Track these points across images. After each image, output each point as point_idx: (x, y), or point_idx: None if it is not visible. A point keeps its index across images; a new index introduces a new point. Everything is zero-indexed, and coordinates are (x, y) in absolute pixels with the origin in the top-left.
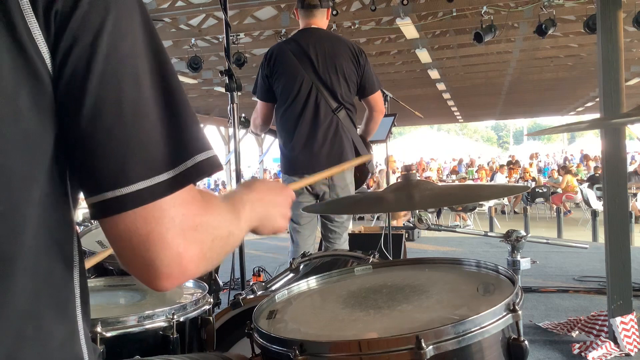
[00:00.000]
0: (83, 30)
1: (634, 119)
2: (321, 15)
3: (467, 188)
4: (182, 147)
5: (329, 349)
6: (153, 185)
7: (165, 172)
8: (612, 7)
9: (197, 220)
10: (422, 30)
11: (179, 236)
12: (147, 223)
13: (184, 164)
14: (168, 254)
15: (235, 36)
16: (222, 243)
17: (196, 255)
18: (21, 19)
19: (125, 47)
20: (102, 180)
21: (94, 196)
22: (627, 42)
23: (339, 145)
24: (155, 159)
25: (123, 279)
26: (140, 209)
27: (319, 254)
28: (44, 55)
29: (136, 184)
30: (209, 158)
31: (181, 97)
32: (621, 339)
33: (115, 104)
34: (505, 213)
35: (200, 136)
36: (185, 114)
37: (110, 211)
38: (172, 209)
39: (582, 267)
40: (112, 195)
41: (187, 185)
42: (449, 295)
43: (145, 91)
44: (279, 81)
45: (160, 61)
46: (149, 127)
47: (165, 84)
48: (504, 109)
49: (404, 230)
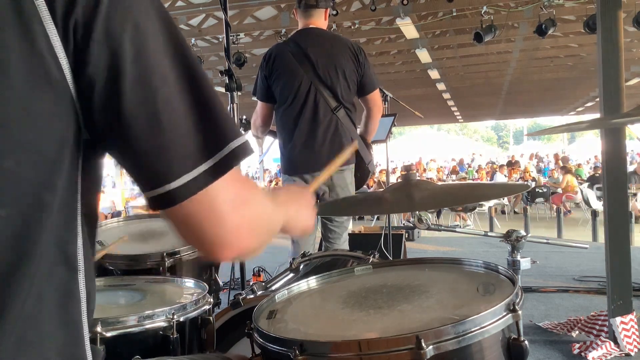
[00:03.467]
0: (105, 38)
1: (634, 119)
2: (319, 15)
3: (467, 188)
4: (217, 136)
5: (329, 349)
6: (197, 176)
7: (205, 162)
8: (612, 7)
9: (245, 195)
10: (422, 30)
11: (233, 211)
12: (204, 206)
13: (221, 152)
14: (227, 228)
15: (235, 36)
16: (266, 222)
17: (248, 227)
18: (40, 28)
19: (148, 47)
20: (150, 179)
21: (147, 192)
22: (627, 42)
23: (339, 145)
24: (194, 152)
25: (123, 279)
26: (195, 196)
27: (319, 254)
28: (62, 63)
29: (181, 178)
30: (243, 144)
31: (208, 88)
32: (621, 339)
33: (150, 106)
34: (505, 213)
35: (231, 124)
36: (215, 105)
37: (165, 204)
38: (223, 190)
39: (582, 267)
40: (163, 190)
41: (230, 170)
42: (449, 295)
43: (175, 88)
44: (278, 81)
45: (183, 55)
46: (184, 122)
47: (192, 77)
48: (504, 109)
49: (404, 230)
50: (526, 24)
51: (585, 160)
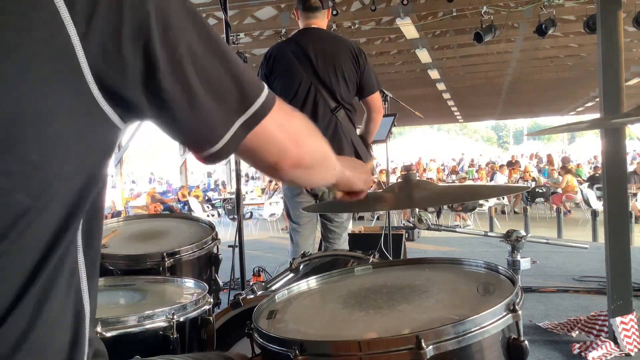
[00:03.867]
0: (133, 27)
1: (634, 119)
2: (322, 16)
3: (467, 188)
4: (247, 91)
5: (329, 349)
6: (234, 131)
7: (239, 118)
8: (612, 7)
9: (299, 124)
10: (422, 30)
11: (290, 137)
12: (263, 138)
13: (259, 99)
14: (287, 147)
15: (235, 36)
16: (322, 154)
17: (306, 142)
18: (68, 39)
19: (173, 24)
20: (200, 142)
21: (200, 153)
22: (627, 42)
23: (338, 145)
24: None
25: (123, 279)
26: (252, 132)
27: (318, 254)
28: (80, 60)
29: (227, 134)
30: (267, 96)
31: (229, 52)
32: (621, 339)
33: (185, 81)
34: (505, 213)
35: (255, 79)
36: (239, 65)
37: (233, 146)
38: (275, 120)
39: (582, 267)
40: (216, 149)
41: (274, 106)
42: (449, 295)
43: (204, 56)
44: (278, 80)
45: (203, 26)
46: (219, 84)
47: (215, 44)
48: (504, 109)
49: (404, 230)
50: (526, 24)
51: (586, 161)
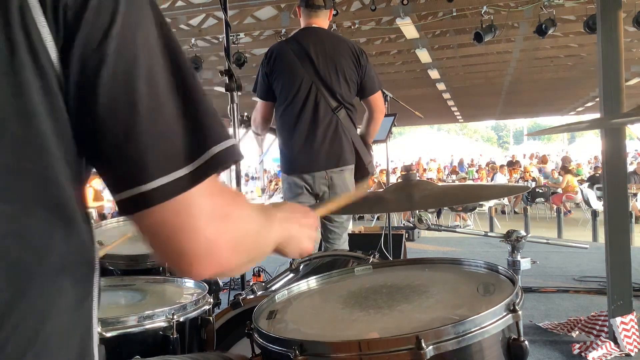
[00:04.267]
0: (94, 25)
1: (634, 119)
2: (324, 16)
3: (467, 188)
4: (198, 140)
5: (329, 349)
6: (174, 180)
7: (185, 167)
8: (612, 7)
9: (226, 209)
10: (422, 30)
11: (209, 225)
12: (177, 214)
13: (202, 158)
14: (199, 242)
15: (235, 36)
16: (252, 239)
17: (227, 244)
18: (29, 15)
19: (137, 40)
20: (124, 179)
21: (118, 194)
22: (627, 42)
23: (338, 145)
24: (173, 154)
25: (123, 279)
26: (167, 202)
27: (318, 254)
28: (50, 53)
29: (157, 180)
30: (227, 148)
31: (196, 89)
32: (621, 339)
33: (130, 100)
34: (505, 213)
35: (216, 127)
36: (201, 106)
37: (137, 207)
38: (200, 199)
39: (582, 267)
40: (137, 192)
41: (209, 177)
42: (449, 295)
43: (160, 85)
44: (279, 80)
45: (173, 53)
46: (165, 121)
47: (180, 76)
48: (504, 109)
49: (404, 230)
50: (526, 24)
51: (587, 161)
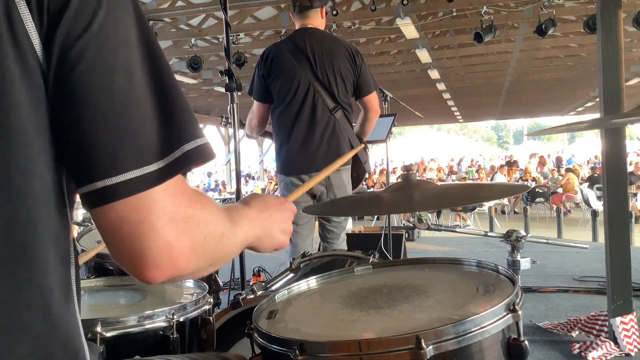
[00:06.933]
0: (76, 20)
1: (634, 119)
2: (315, 15)
3: (467, 188)
4: (171, 136)
5: (329, 349)
6: (143, 175)
7: (155, 162)
8: (612, 7)
9: (189, 212)
10: (422, 30)
11: (169, 225)
12: (138, 212)
13: (173, 154)
14: (158, 243)
15: (235, 36)
16: (215, 243)
17: (187, 247)
18: (14, 9)
19: (117, 37)
20: (92, 170)
21: (84, 186)
22: (627, 42)
23: (336, 145)
24: (144, 149)
25: (123, 279)
26: (131, 198)
27: (318, 254)
28: (35, 46)
29: (126, 174)
30: (198, 147)
31: (173, 88)
32: (621, 339)
33: (106, 94)
34: (505, 213)
35: (189, 125)
36: (176, 103)
37: (101, 201)
38: (163, 198)
39: (582, 267)
40: (102, 184)
41: (177, 175)
42: (449, 295)
43: (137, 81)
44: (276, 81)
45: (152, 53)
46: (139, 117)
47: (157, 74)
48: (504, 109)
49: (404, 230)
50: (526, 24)
51: (586, 161)
